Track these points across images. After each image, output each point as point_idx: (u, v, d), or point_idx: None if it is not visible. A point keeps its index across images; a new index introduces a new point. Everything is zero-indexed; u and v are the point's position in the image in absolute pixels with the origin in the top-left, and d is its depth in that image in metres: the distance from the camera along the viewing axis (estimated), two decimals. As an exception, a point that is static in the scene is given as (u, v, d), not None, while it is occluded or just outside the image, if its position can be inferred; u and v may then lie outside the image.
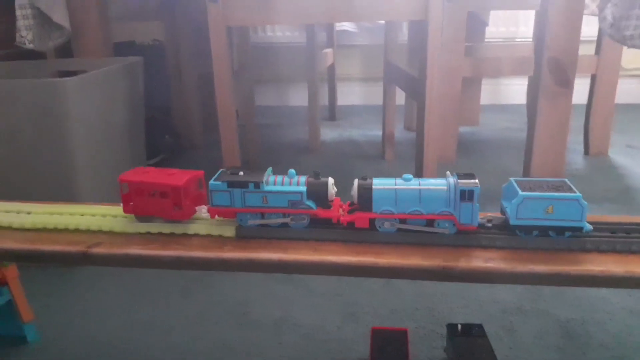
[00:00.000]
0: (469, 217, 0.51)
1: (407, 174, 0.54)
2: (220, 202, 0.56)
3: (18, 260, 0.59)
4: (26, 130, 0.90)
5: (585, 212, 0.49)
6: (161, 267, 0.57)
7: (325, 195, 0.54)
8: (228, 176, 0.55)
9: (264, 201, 0.55)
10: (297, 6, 1.03)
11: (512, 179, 0.53)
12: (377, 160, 1.59)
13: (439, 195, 0.52)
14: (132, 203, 0.59)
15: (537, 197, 0.49)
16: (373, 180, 0.53)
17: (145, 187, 0.58)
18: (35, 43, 1.11)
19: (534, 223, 0.50)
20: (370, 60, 2.39)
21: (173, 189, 0.57)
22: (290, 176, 0.55)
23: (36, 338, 0.78)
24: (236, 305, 0.85)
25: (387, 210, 0.53)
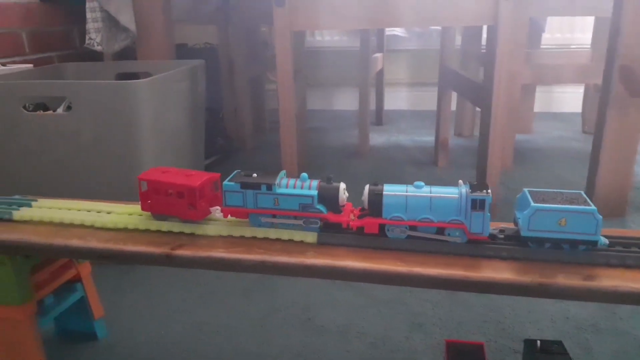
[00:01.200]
0: (479, 227, 0.51)
1: (418, 182, 0.53)
2: (234, 202, 0.57)
3: (101, 260, 0.60)
4: (97, 130, 0.92)
5: (600, 226, 0.48)
6: (243, 270, 0.57)
7: (336, 200, 0.55)
8: (242, 177, 0.57)
9: (276, 203, 0.56)
10: (365, 11, 1.02)
11: (526, 189, 0.52)
12: (429, 166, 1.57)
13: (450, 204, 0.51)
14: (150, 201, 0.61)
15: (549, 209, 0.48)
16: (384, 186, 0.53)
17: (162, 186, 0.60)
18: (103, 45, 1.14)
19: (546, 235, 0.49)
20: (418, 65, 2.37)
21: (189, 189, 0.58)
22: (303, 180, 0.56)
23: (105, 335, 0.79)
24: (299, 310, 0.84)
25: (397, 216, 0.53)
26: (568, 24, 2.20)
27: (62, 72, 1.26)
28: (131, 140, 0.92)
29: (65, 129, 0.93)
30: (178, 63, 1.22)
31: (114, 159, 0.93)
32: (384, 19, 1.05)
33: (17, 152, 0.97)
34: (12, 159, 0.97)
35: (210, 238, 0.59)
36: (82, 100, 0.90)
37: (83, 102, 0.90)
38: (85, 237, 0.60)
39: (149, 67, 1.24)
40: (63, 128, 0.93)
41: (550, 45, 2.18)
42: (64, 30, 1.98)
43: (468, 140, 1.86)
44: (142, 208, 0.62)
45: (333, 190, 0.55)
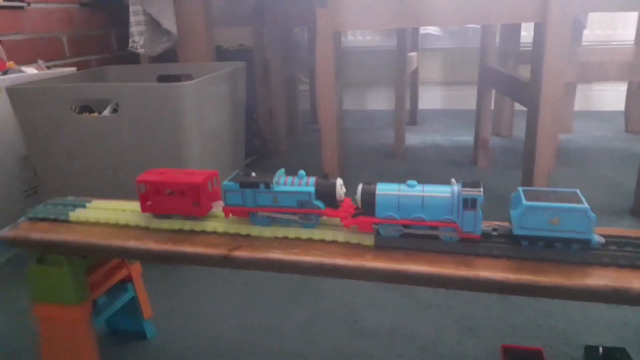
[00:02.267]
0: (471, 225, 0.51)
1: (411, 180, 0.53)
2: (234, 201, 0.58)
3: (158, 261, 0.60)
4: (143, 131, 0.93)
5: (593, 224, 0.47)
6: (300, 272, 0.57)
7: (334, 196, 0.55)
8: (241, 177, 0.58)
9: (274, 201, 0.57)
10: (407, 10, 1.01)
11: (520, 187, 0.52)
12: (468, 166, 1.54)
13: (442, 203, 0.51)
14: (150, 202, 0.62)
15: (541, 207, 0.48)
16: (377, 185, 0.53)
17: (164, 186, 0.60)
18: (146, 48, 1.15)
19: (538, 234, 0.49)
20: (453, 63, 2.33)
21: (192, 187, 0.59)
22: (300, 177, 0.57)
23: (154, 335, 0.80)
24: (346, 313, 0.84)
25: (389, 215, 0.53)
26: (609, 20, 2.13)
27: (105, 75, 1.28)
28: (177, 141, 0.93)
29: (112, 130, 0.94)
30: (218, 65, 1.22)
31: (160, 160, 0.94)
32: (427, 17, 1.03)
33: (65, 153, 0.98)
34: (62, 160, 0.99)
35: (264, 239, 0.59)
36: (129, 103, 0.91)
37: (129, 104, 0.91)
38: (142, 239, 0.60)
39: (189, 69, 1.24)
40: (110, 130, 0.94)
41: (591, 42, 2.12)
42: (103, 33, 2.02)
43: (506, 140, 1.83)
44: (142, 210, 0.63)
45: (330, 186, 0.55)
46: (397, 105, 1.65)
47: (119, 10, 2.04)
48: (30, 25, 1.66)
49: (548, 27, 0.98)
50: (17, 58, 1.51)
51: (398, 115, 1.65)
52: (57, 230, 0.63)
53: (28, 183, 1.21)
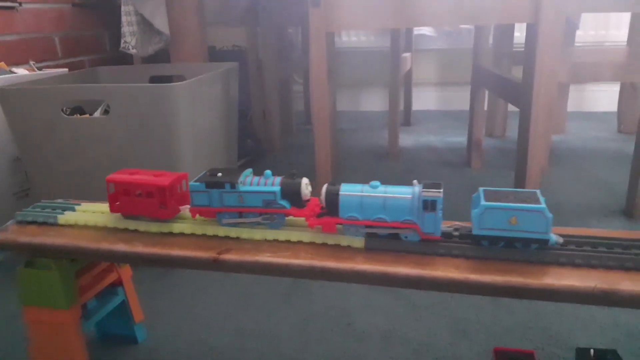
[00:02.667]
0: (431, 227, 0.51)
1: (374, 182, 0.54)
2: (200, 202, 0.58)
3: (148, 265, 0.60)
4: (135, 133, 0.92)
5: (550, 224, 0.48)
6: (290, 275, 0.56)
7: (299, 195, 0.55)
8: (207, 177, 0.57)
9: (240, 201, 0.57)
10: (401, 10, 1.01)
11: (481, 188, 0.52)
12: (462, 168, 1.54)
13: (403, 204, 0.52)
14: (119, 202, 0.62)
15: (499, 207, 0.49)
16: (341, 186, 0.54)
17: (131, 187, 0.60)
18: (138, 48, 1.15)
19: (497, 234, 0.50)
20: (447, 64, 2.34)
21: (159, 189, 0.59)
22: (267, 177, 0.57)
23: (145, 339, 0.79)
24: (339, 315, 0.83)
25: (352, 216, 0.53)
26: (602, 20, 2.14)
27: (97, 76, 1.28)
28: (169, 143, 0.92)
29: (103, 132, 0.93)
30: (211, 66, 1.22)
31: (152, 162, 0.93)
32: (421, 18, 1.03)
33: (56, 155, 0.97)
34: (51, 162, 0.98)
35: (255, 242, 0.59)
36: (120, 104, 0.90)
37: (121, 105, 0.91)
38: (131, 242, 0.60)
39: (182, 69, 1.24)
40: (101, 131, 0.93)
41: (584, 42, 2.13)
42: (95, 34, 2.01)
43: (500, 141, 1.83)
44: (110, 210, 0.62)
45: (295, 185, 0.55)
46: (391, 106, 1.64)
47: (111, 11, 2.03)
48: (22, 25, 1.65)
49: (540, 27, 0.98)
50: (8, 59, 1.50)
51: (392, 116, 1.64)
52: (46, 234, 0.62)
53: (20, 185, 1.20)
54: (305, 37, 2.18)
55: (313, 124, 1.10)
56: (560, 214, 1.19)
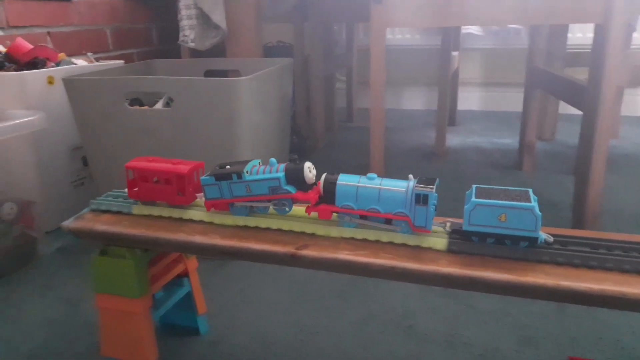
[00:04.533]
0: (423, 220, 0.53)
1: (371, 173, 0.55)
2: (212, 195, 0.60)
3: (222, 257, 0.60)
4: (197, 125, 0.93)
5: (539, 222, 0.49)
6: (369, 275, 0.55)
7: (303, 179, 0.56)
8: (216, 170, 0.59)
9: (248, 190, 0.58)
10: (466, 8, 0.99)
11: (474, 185, 0.53)
12: (513, 170, 1.51)
13: (397, 197, 0.53)
14: (137, 189, 0.63)
15: (489, 204, 0.50)
16: (339, 176, 0.56)
17: (150, 174, 0.62)
18: (196, 42, 1.15)
19: (486, 230, 0.51)
20: (493, 64, 2.29)
21: (177, 176, 0.61)
22: (271, 164, 0.58)
23: (207, 331, 0.79)
24: (399, 316, 0.82)
25: (347, 205, 0.55)
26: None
27: (152, 69, 1.29)
28: (230, 136, 0.92)
29: (165, 123, 0.94)
30: (265, 61, 1.22)
31: (211, 154, 0.94)
32: (486, 16, 1.00)
33: (117, 145, 0.99)
34: (112, 151, 1.00)
35: (331, 239, 0.58)
36: (184, 96, 0.91)
37: (185, 98, 0.91)
38: (208, 234, 0.60)
39: (237, 64, 1.24)
40: (163, 123, 0.94)
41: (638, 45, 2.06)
42: (144, 27, 2.04)
43: (550, 144, 1.78)
44: (129, 195, 0.65)
45: (298, 170, 0.56)
46: (440, 105, 1.62)
47: (161, 4, 2.06)
48: (76, 17, 1.69)
49: (611, 29, 0.95)
50: (63, 49, 1.53)
51: (440, 115, 1.62)
52: (122, 223, 0.63)
53: (76, 174, 1.22)
54: (350, 34, 2.17)
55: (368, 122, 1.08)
56: (621, 221, 1.15)
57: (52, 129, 1.10)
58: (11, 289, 0.94)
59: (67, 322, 0.84)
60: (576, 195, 1.09)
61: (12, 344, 0.78)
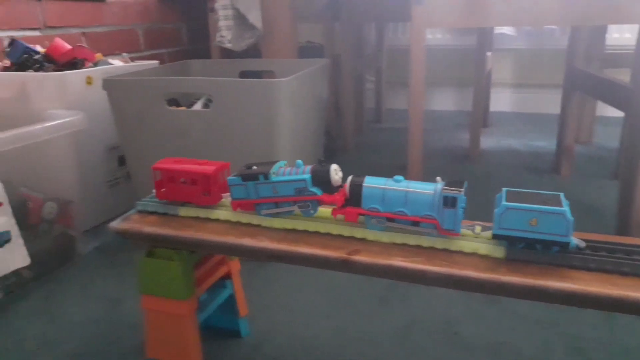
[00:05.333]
0: (451, 223, 0.52)
1: (398, 176, 0.55)
2: (239, 195, 0.60)
3: (272, 260, 0.59)
4: (237, 126, 0.92)
5: (571, 227, 0.48)
6: (424, 283, 0.54)
7: (329, 181, 0.56)
8: (243, 171, 0.59)
9: (274, 191, 0.58)
10: (509, 9, 0.96)
11: (504, 189, 0.52)
12: (550, 174, 1.47)
13: (424, 199, 0.52)
14: (164, 189, 0.64)
15: (519, 207, 0.49)
16: (365, 178, 0.55)
17: (177, 175, 0.63)
18: (233, 43, 1.15)
19: (516, 234, 0.50)
20: (526, 65, 2.25)
21: (203, 177, 0.61)
22: (298, 166, 0.58)
23: (248, 334, 0.79)
24: (442, 323, 0.80)
25: (374, 207, 0.54)
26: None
27: (188, 69, 1.29)
28: (269, 137, 0.92)
29: (205, 125, 0.94)
30: (300, 62, 1.21)
31: (251, 156, 0.93)
32: (529, 17, 0.98)
33: (156, 145, 0.99)
34: (151, 151, 1.00)
35: (382, 244, 0.57)
36: (224, 97, 0.91)
37: (225, 98, 0.91)
38: (257, 236, 0.59)
39: (271, 65, 1.24)
40: (202, 123, 0.94)
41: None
42: (175, 27, 2.05)
43: (587, 147, 1.74)
44: (156, 196, 0.65)
45: (324, 172, 0.56)
46: (475, 106, 1.59)
47: (191, 4, 2.07)
48: (109, 17, 1.70)
49: (664, 28, 0.92)
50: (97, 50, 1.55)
51: (475, 116, 1.59)
52: (169, 225, 0.63)
53: (112, 173, 1.23)
54: (380, 34, 2.15)
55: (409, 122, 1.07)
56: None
57: (90, 129, 1.10)
58: (52, 288, 0.95)
59: (108, 321, 0.84)
60: (621, 201, 1.05)
61: (57, 342, 0.79)
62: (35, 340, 0.80)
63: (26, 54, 1.17)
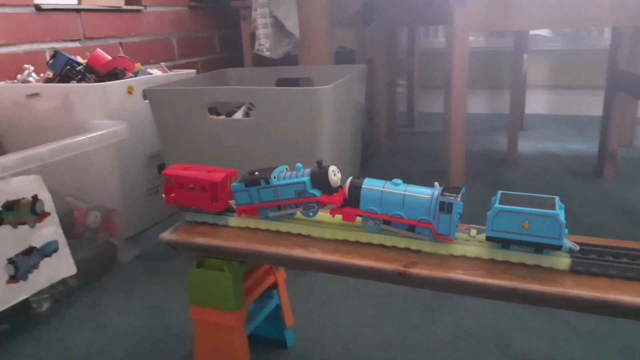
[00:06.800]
0: (446, 228, 0.52)
1: (397, 179, 0.55)
2: (243, 200, 0.62)
3: (323, 271, 0.58)
4: (279, 134, 0.92)
5: (563, 230, 0.48)
6: (485, 296, 0.52)
7: (327, 182, 0.57)
8: (245, 177, 0.61)
9: (276, 195, 0.60)
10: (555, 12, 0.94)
11: (500, 191, 0.52)
12: (592, 179, 1.43)
13: (421, 203, 0.53)
14: (174, 195, 0.66)
15: (512, 210, 0.49)
16: (365, 180, 0.56)
17: (186, 181, 0.64)
18: (271, 51, 1.15)
19: (509, 237, 0.50)
20: (562, 66, 2.20)
21: (212, 184, 0.62)
22: (297, 169, 0.59)
23: (294, 344, 0.78)
24: (492, 335, 0.78)
25: (371, 209, 0.55)
26: None
27: (225, 78, 1.30)
28: (312, 145, 0.91)
29: (248, 133, 0.94)
30: (337, 68, 1.20)
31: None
32: (575, 19, 0.95)
33: (198, 154, 1.00)
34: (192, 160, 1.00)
35: (439, 256, 0.55)
36: (266, 106, 0.91)
37: (267, 107, 0.91)
38: (308, 247, 0.59)
39: (308, 72, 1.24)
40: (244, 132, 0.94)
41: None
42: (207, 35, 2.07)
43: (629, 150, 1.68)
44: (166, 201, 0.66)
45: (322, 174, 0.57)
46: (512, 109, 1.56)
47: (223, 13, 2.09)
48: (146, 27, 1.73)
49: None
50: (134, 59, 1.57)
51: (512, 120, 1.56)
52: (220, 236, 0.63)
53: (152, 182, 1.25)
54: (411, 38, 2.13)
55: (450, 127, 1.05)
56: None
57: (131, 138, 1.12)
58: (97, 296, 0.96)
59: (153, 330, 0.84)
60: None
61: (105, 351, 0.80)
62: (83, 348, 0.81)
63: (69, 65, 1.20)
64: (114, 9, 1.58)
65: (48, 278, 0.88)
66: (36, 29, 1.34)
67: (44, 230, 0.87)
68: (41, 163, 0.86)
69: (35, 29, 1.33)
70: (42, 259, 0.87)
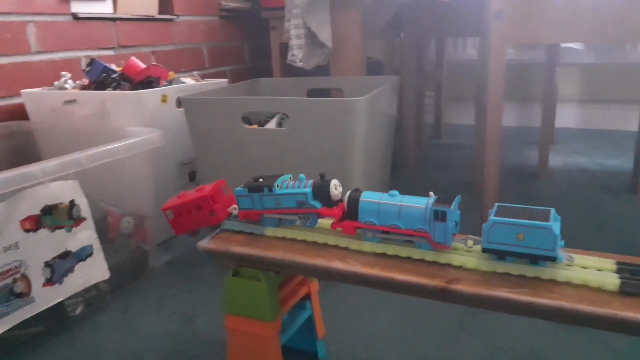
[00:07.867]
0: (442, 236, 0.54)
1: (393, 190, 0.57)
2: (245, 205, 0.64)
3: (361, 285, 0.58)
4: (312, 145, 0.92)
5: (557, 242, 0.49)
6: (530, 315, 0.51)
7: (328, 195, 0.59)
8: (250, 183, 0.62)
9: (277, 203, 0.61)
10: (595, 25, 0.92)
11: (497, 204, 0.53)
12: (626, 194, 1.40)
13: (416, 213, 0.55)
14: (180, 225, 0.68)
15: (507, 222, 0.50)
16: (363, 192, 0.58)
17: (183, 207, 0.67)
18: (304, 62, 1.16)
19: (504, 248, 0.51)
20: (593, 80, 2.16)
21: (202, 199, 0.65)
22: (300, 180, 0.61)
23: (325, 356, 0.78)
24: (527, 353, 0.77)
25: (369, 221, 0.57)
26: None
27: (257, 88, 1.31)
28: (345, 155, 0.91)
29: (281, 143, 0.94)
30: (368, 79, 1.20)
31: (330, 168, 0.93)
32: (617, 32, 0.94)
33: (231, 163, 1.00)
34: (225, 169, 1.02)
35: (482, 273, 0.55)
36: (300, 116, 0.91)
37: (301, 117, 0.91)
38: (346, 259, 0.58)
39: (339, 83, 1.24)
40: (278, 142, 0.95)
41: None
42: (237, 45, 2.09)
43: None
44: (176, 233, 0.69)
45: (324, 186, 0.59)
46: (544, 122, 1.54)
47: (253, 23, 2.11)
48: (177, 36, 1.76)
49: None
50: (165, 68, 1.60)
51: (544, 134, 1.54)
52: (257, 245, 0.63)
53: (183, 188, 1.26)
54: (440, 49, 2.12)
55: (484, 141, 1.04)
56: None
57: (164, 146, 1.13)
58: (128, 301, 0.97)
59: (184, 337, 0.85)
60: None
61: (137, 355, 0.80)
62: (115, 352, 0.82)
63: (104, 73, 1.22)
64: (147, 18, 1.61)
65: (82, 282, 0.89)
66: (73, 37, 1.37)
67: (80, 234, 0.88)
68: (79, 169, 0.87)
69: (72, 37, 1.37)
70: (77, 263, 0.88)
